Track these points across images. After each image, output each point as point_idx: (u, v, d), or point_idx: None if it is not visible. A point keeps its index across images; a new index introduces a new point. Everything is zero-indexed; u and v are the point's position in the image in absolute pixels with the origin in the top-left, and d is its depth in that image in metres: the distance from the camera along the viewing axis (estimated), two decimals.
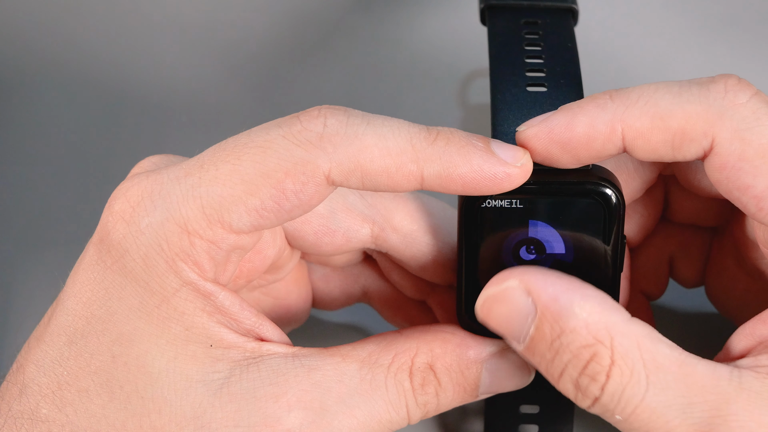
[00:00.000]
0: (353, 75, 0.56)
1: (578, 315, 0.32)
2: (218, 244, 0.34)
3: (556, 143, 0.34)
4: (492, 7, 0.43)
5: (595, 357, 0.32)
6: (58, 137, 0.55)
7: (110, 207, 0.35)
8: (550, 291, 0.33)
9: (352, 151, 0.33)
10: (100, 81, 0.56)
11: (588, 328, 0.32)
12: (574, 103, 0.35)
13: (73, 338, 0.34)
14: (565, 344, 0.32)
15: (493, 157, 0.34)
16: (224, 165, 0.34)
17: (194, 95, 0.55)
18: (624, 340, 0.32)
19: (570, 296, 0.33)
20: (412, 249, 0.39)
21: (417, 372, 0.35)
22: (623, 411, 0.32)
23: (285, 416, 0.34)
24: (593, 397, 0.33)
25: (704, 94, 0.34)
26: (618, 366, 0.32)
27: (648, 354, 0.32)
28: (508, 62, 0.39)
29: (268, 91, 0.56)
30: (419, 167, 0.34)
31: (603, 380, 0.32)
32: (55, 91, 0.56)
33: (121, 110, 0.55)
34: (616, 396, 0.32)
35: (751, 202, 0.34)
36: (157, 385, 0.34)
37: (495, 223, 0.36)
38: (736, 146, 0.33)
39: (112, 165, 0.37)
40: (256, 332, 0.35)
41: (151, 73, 0.56)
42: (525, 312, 0.33)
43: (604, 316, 0.32)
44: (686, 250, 0.43)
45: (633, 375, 0.32)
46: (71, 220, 0.49)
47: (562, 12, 0.43)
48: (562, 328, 0.32)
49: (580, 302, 0.33)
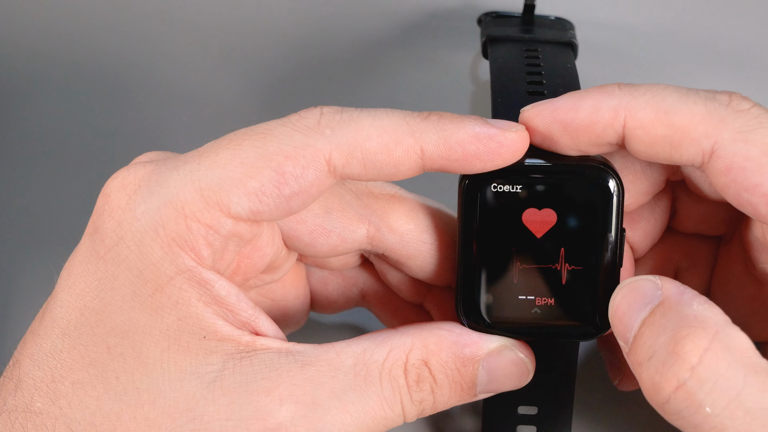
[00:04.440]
0: (353, 74, 0.56)
1: (695, 308, 0.32)
2: (216, 228, 0.34)
3: (558, 123, 0.35)
4: (492, 39, 0.45)
5: (691, 335, 0.31)
6: (59, 137, 0.55)
7: (105, 195, 0.35)
8: (680, 288, 0.33)
9: (350, 131, 0.34)
10: (100, 81, 0.56)
11: (697, 317, 0.32)
12: (581, 90, 0.35)
13: (67, 330, 0.34)
14: (669, 324, 0.32)
15: (487, 124, 0.35)
16: (224, 151, 0.34)
17: (195, 95, 0.56)
18: (728, 338, 0.32)
19: (694, 297, 0.33)
20: (408, 249, 0.39)
21: (412, 368, 0.35)
22: (714, 403, 0.31)
23: (276, 410, 0.33)
24: (678, 380, 0.31)
25: (710, 99, 0.34)
26: (714, 351, 0.31)
27: (748, 359, 0.31)
28: (508, 77, 0.40)
29: (269, 91, 0.56)
30: (417, 140, 0.34)
31: (695, 361, 0.31)
32: (56, 90, 0.56)
33: (122, 110, 0.56)
34: (708, 384, 0.31)
35: (761, 201, 0.34)
36: (151, 376, 0.34)
37: (495, 209, 0.36)
38: (740, 147, 0.33)
39: (112, 165, 0.37)
40: (251, 325, 0.35)
41: (152, 74, 0.56)
42: (650, 297, 0.33)
43: (719, 316, 0.32)
44: (692, 260, 0.43)
45: (730, 368, 0.31)
46: (71, 218, 0.49)
47: (562, 45, 0.44)
48: (676, 312, 0.32)
49: (703, 302, 0.33)
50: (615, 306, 0.34)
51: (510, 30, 0.47)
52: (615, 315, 0.34)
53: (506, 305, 0.37)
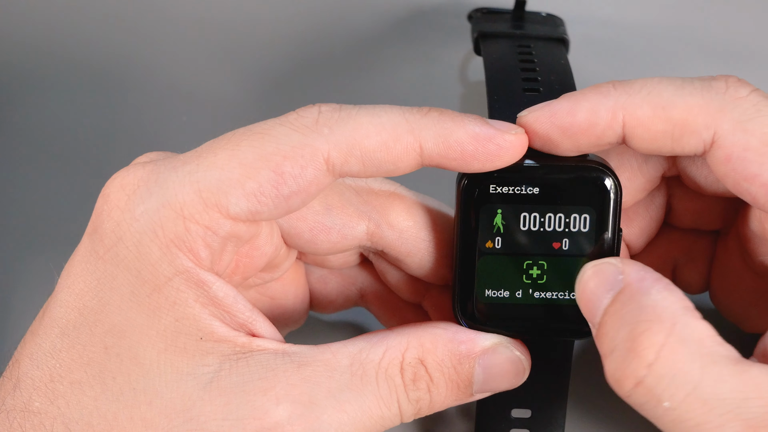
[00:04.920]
0: (354, 74, 0.56)
1: (653, 297, 0.32)
2: (214, 229, 0.34)
3: (557, 127, 0.35)
4: (484, 35, 0.45)
5: (647, 331, 0.32)
6: (59, 136, 0.55)
7: (105, 195, 0.35)
8: (640, 273, 0.33)
9: (348, 130, 0.34)
10: (100, 81, 0.56)
11: (655, 308, 0.32)
12: (577, 91, 0.35)
13: (66, 330, 0.35)
14: (628, 316, 0.32)
15: (487, 124, 0.35)
16: (222, 152, 0.34)
17: (195, 96, 0.56)
18: (685, 330, 0.32)
19: (654, 282, 0.33)
20: (407, 246, 0.39)
21: (408, 367, 0.35)
22: (674, 395, 0.31)
23: (273, 409, 0.33)
24: (636, 377, 0.32)
25: (706, 89, 0.34)
26: (670, 347, 0.31)
27: (706, 349, 0.31)
28: (503, 75, 0.40)
29: (270, 92, 0.56)
30: (416, 137, 0.34)
31: (651, 358, 0.31)
32: (56, 90, 0.56)
33: (122, 110, 0.55)
34: (665, 379, 0.31)
35: (760, 191, 0.34)
36: (148, 377, 0.34)
37: (493, 209, 0.36)
38: (739, 137, 0.34)
39: (112, 164, 0.37)
40: (248, 327, 0.35)
41: (152, 74, 0.56)
42: (612, 283, 0.33)
43: (676, 305, 0.32)
44: (690, 255, 0.43)
45: (686, 362, 0.31)
46: (71, 219, 0.49)
47: (554, 41, 0.45)
48: (635, 303, 0.32)
49: (661, 289, 0.33)
50: (581, 290, 0.35)
51: (502, 26, 0.46)
52: (581, 299, 0.35)
53: (503, 304, 0.37)
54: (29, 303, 0.48)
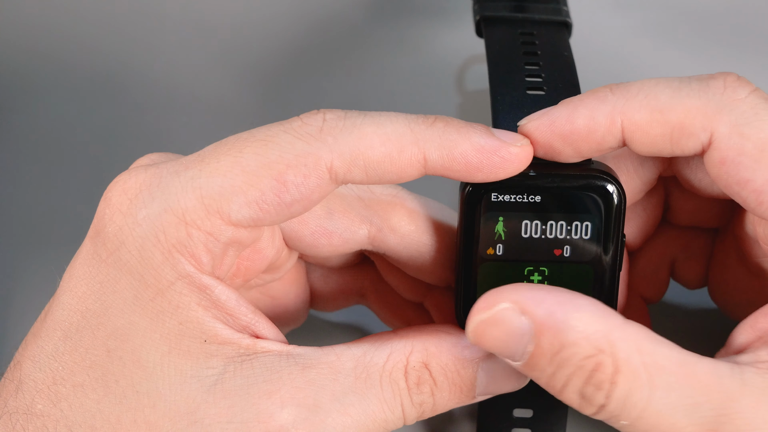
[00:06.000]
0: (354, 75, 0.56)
1: (576, 327, 0.32)
2: (216, 236, 0.34)
3: (557, 135, 0.35)
4: (487, 19, 0.44)
5: (599, 367, 0.32)
6: (60, 138, 0.55)
7: (107, 199, 0.35)
8: (544, 307, 0.32)
9: (352, 140, 0.34)
10: (100, 81, 0.56)
11: (588, 340, 0.32)
12: (575, 97, 0.35)
13: (68, 333, 0.34)
14: (567, 357, 0.32)
15: (492, 136, 0.35)
16: (225, 157, 0.34)
17: (195, 96, 0.56)
18: (624, 345, 0.32)
19: (564, 309, 0.32)
20: (409, 250, 0.39)
21: (412, 371, 0.35)
22: (629, 415, 0.32)
23: (278, 412, 0.33)
24: (599, 404, 0.32)
25: (703, 90, 0.34)
26: (622, 372, 0.32)
27: (649, 357, 0.32)
28: (506, 68, 0.39)
29: (270, 93, 0.56)
30: (420, 148, 0.34)
31: (608, 388, 0.32)
32: (56, 92, 0.56)
33: (123, 111, 0.55)
34: (621, 402, 0.32)
35: (751, 196, 0.34)
36: (152, 380, 0.34)
37: (496, 217, 0.36)
38: (735, 141, 0.34)
39: (114, 166, 0.37)
40: (251, 329, 0.35)
41: (152, 74, 0.56)
42: (522, 331, 0.32)
43: (601, 325, 0.32)
44: (689, 252, 0.43)
45: (636, 379, 0.32)
46: (71, 219, 0.49)
47: (556, 25, 0.44)
48: (562, 342, 0.32)
49: (576, 314, 0.32)
50: (484, 343, 0.33)
51: (504, 9, 0.46)
52: (490, 349, 0.33)
53: None
54: (30, 304, 0.48)
